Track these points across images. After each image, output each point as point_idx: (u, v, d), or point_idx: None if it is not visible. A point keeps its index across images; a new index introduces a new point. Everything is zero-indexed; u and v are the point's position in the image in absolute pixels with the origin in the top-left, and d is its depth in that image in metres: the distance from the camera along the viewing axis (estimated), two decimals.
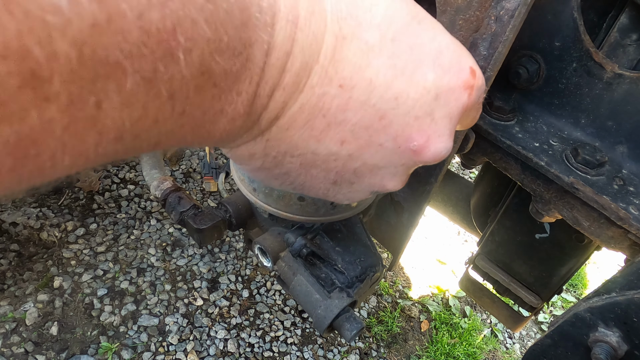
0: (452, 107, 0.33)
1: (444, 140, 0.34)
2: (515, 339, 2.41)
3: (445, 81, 0.32)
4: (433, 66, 0.31)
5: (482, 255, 1.29)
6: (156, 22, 0.19)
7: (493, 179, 1.20)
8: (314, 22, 0.27)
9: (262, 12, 0.25)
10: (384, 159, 0.34)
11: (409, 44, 0.30)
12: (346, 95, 0.29)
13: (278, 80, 0.27)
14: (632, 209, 0.66)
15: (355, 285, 0.79)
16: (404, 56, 0.30)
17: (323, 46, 0.28)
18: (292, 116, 0.30)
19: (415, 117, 0.32)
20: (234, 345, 1.83)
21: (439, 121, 0.33)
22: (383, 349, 2.06)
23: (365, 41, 0.29)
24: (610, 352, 0.55)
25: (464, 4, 0.65)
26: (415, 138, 0.33)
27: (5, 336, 1.60)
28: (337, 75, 0.29)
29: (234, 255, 2.16)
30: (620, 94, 0.72)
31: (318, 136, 0.31)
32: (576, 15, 0.71)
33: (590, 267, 2.96)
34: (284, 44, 0.26)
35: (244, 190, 0.79)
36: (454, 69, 0.32)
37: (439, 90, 0.32)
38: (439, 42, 0.32)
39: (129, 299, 1.84)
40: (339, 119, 0.30)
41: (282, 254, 0.85)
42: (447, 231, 2.80)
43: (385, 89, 0.30)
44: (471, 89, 0.33)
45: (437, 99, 0.32)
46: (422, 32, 0.31)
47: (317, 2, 0.28)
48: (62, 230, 1.97)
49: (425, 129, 0.33)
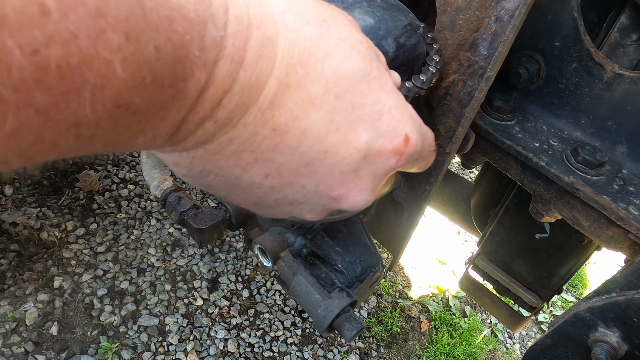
0: (379, 168, 0.35)
1: (364, 194, 0.36)
2: (515, 339, 2.41)
3: (377, 144, 0.33)
4: (369, 128, 0.33)
5: (482, 255, 1.29)
6: (56, 60, 0.18)
7: (493, 179, 1.20)
8: (260, 65, 0.27)
9: (204, 51, 0.24)
10: (305, 197, 0.35)
11: (352, 103, 0.31)
12: (278, 139, 0.30)
13: (210, 113, 0.27)
14: (632, 209, 0.66)
15: (355, 285, 0.79)
16: (343, 114, 0.31)
17: (265, 90, 0.28)
18: (220, 144, 0.30)
19: (340, 171, 0.33)
20: (234, 345, 1.83)
21: (362, 178, 0.34)
22: (383, 349, 2.06)
23: (309, 92, 0.29)
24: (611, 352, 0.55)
25: (464, 3, 0.65)
26: (336, 188, 0.34)
27: (5, 336, 1.60)
28: (272, 120, 0.29)
29: (234, 255, 2.16)
30: (620, 94, 0.72)
31: (244, 167, 0.31)
32: (576, 15, 0.71)
33: (590, 267, 2.96)
34: (224, 82, 0.26)
35: None
36: (389, 134, 0.34)
37: (369, 152, 0.33)
38: (383, 105, 0.33)
39: (129, 299, 1.84)
40: (266, 157, 0.31)
41: (282, 254, 0.85)
42: (447, 231, 2.80)
43: (317, 142, 0.31)
44: (401, 154, 0.35)
45: (365, 159, 0.33)
46: (369, 92, 0.32)
47: (269, 44, 0.28)
48: (62, 230, 1.97)
49: (348, 182, 0.34)
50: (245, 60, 0.26)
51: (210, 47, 0.24)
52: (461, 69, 0.69)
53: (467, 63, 0.68)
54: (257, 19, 0.27)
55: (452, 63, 0.70)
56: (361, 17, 0.55)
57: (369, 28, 0.55)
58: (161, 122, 0.25)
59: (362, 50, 0.32)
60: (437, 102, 0.75)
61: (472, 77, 0.69)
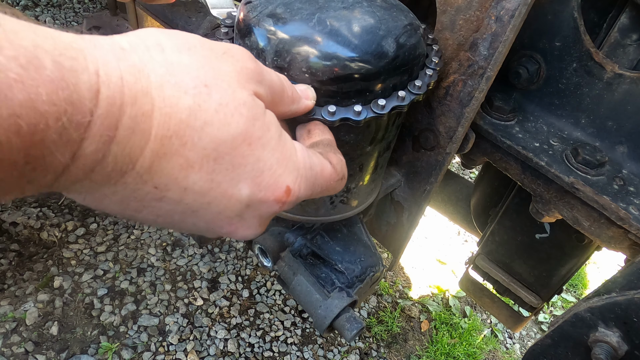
0: (263, 212, 0.38)
1: (251, 230, 0.40)
2: (516, 339, 2.41)
3: (259, 196, 0.37)
4: (250, 184, 0.36)
5: (482, 255, 1.29)
6: None
7: (493, 179, 1.20)
8: (133, 139, 0.29)
9: (64, 134, 0.26)
10: (198, 230, 0.39)
11: (232, 163, 0.34)
12: (160, 194, 0.33)
13: (84, 176, 0.29)
14: (632, 209, 0.66)
15: (356, 285, 0.79)
16: (224, 173, 0.34)
17: (140, 159, 0.30)
18: (105, 194, 0.32)
19: (226, 216, 0.37)
20: (234, 345, 1.84)
21: (248, 220, 0.38)
22: (383, 349, 2.06)
23: (187, 159, 0.32)
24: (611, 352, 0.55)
25: (465, 3, 0.65)
26: (224, 227, 0.38)
27: (6, 336, 1.60)
28: (152, 181, 0.32)
29: (234, 255, 2.16)
30: (621, 94, 0.72)
31: (133, 210, 0.34)
32: (576, 15, 0.71)
33: (590, 267, 2.96)
34: (94, 155, 0.28)
35: None
36: (270, 188, 0.37)
37: (252, 202, 0.37)
38: (264, 163, 0.36)
39: (129, 299, 1.84)
40: (153, 205, 0.33)
41: (282, 254, 0.85)
42: (447, 231, 2.80)
43: (200, 196, 0.34)
44: (283, 203, 0.39)
45: (249, 207, 0.37)
46: (249, 153, 0.35)
47: (143, 119, 0.29)
48: (62, 230, 1.97)
49: (235, 223, 0.38)
50: (116, 136, 0.28)
51: (73, 129, 0.26)
52: (461, 69, 0.69)
53: (467, 63, 0.68)
54: (132, 96, 0.29)
55: (452, 63, 0.70)
56: (361, 17, 0.55)
57: (369, 28, 0.55)
58: (27, 185, 0.27)
59: (244, 112, 0.34)
60: (437, 102, 0.75)
61: (472, 77, 0.69)
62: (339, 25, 0.53)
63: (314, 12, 0.54)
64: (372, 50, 0.54)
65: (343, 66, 0.53)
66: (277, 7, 0.56)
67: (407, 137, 0.84)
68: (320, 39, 0.53)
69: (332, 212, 0.76)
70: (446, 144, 0.78)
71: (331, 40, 0.53)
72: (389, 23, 0.57)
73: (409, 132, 0.83)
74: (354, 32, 0.54)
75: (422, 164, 0.85)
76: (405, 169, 0.89)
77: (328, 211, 0.76)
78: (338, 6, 0.55)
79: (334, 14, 0.54)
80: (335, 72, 0.53)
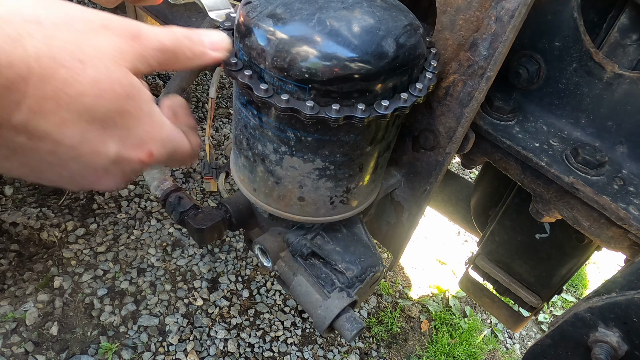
0: (127, 169, 0.44)
1: (114, 183, 0.45)
2: (516, 339, 2.41)
3: (125, 155, 0.42)
4: (119, 144, 0.41)
5: (482, 255, 1.29)
6: None
7: (493, 179, 1.20)
8: (9, 97, 0.33)
9: None
10: (60, 180, 0.42)
11: (104, 126, 0.39)
12: (34, 145, 0.37)
13: None
14: (632, 209, 0.66)
15: (356, 285, 0.79)
16: (96, 133, 0.39)
17: (16, 113, 0.34)
18: None
19: (93, 168, 0.41)
20: (234, 345, 1.84)
21: (113, 173, 0.43)
22: (383, 349, 2.06)
23: (62, 117, 0.36)
24: (611, 352, 0.55)
25: (464, 3, 0.65)
26: (88, 178, 0.43)
27: (6, 336, 1.60)
28: (27, 133, 0.36)
29: (234, 255, 2.16)
30: (620, 94, 0.72)
31: (3, 156, 0.37)
32: (576, 15, 0.71)
33: (590, 267, 2.96)
34: None
35: (244, 191, 0.79)
36: (135, 150, 0.42)
37: (118, 159, 0.41)
38: (134, 130, 0.42)
39: (129, 299, 1.84)
40: (23, 153, 0.38)
41: (282, 254, 0.85)
42: (447, 231, 2.80)
43: (71, 149, 0.38)
44: (145, 164, 0.44)
45: (115, 163, 0.42)
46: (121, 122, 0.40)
47: (18, 80, 0.33)
48: (62, 230, 1.97)
49: (100, 175, 0.43)
50: None
51: None
52: (461, 69, 0.69)
53: (467, 63, 0.68)
54: (7, 61, 0.32)
55: (452, 63, 0.70)
56: (361, 17, 0.55)
57: (369, 28, 0.55)
58: None
59: (117, 90, 0.38)
60: (437, 102, 0.75)
61: (472, 77, 0.69)
62: (338, 26, 0.54)
63: (314, 12, 0.54)
64: (372, 51, 0.54)
65: (343, 66, 0.53)
66: (277, 8, 0.56)
67: (407, 137, 0.84)
68: (320, 39, 0.53)
69: (332, 212, 0.76)
70: (446, 144, 0.78)
71: (331, 41, 0.53)
72: (388, 23, 0.57)
73: (409, 132, 0.83)
74: (354, 32, 0.54)
75: (422, 164, 0.85)
76: (405, 169, 0.89)
77: (328, 211, 0.76)
78: (338, 6, 0.55)
79: (334, 14, 0.54)
80: (335, 72, 0.53)
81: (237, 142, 0.74)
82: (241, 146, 0.72)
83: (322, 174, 0.68)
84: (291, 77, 0.54)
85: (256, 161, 0.71)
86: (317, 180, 0.69)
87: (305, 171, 0.68)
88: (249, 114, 0.65)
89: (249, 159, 0.72)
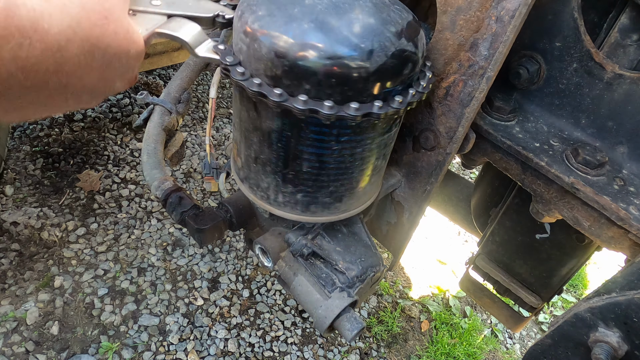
0: None
1: None
2: (516, 339, 2.41)
3: None
4: None
5: (482, 255, 1.29)
6: None
7: (493, 179, 1.20)
8: None
9: None
10: None
11: None
12: None
13: None
14: (632, 209, 0.66)
15: (356, 285, 0.79)
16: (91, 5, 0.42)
17: None
18: None
19: None
20: (235, 344, 1.84)
21: None
22: (383, 349, 2.06)
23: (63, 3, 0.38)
24: (611, 352, 0.55)
25: (465, 4, 0.65)
26: None
27: (6, 335, 1.61)
28: None
29: (235, 255, 2.16)
30: (621, 94, 0.72)
31: None
32: (577, 15, 0.71)
33: (591, 267, 2.96)
34: None
35: (245, 190, 0.79)
36: None
37: None
38: None
39: (129, 299, 1.84)
40: None
41: (282, 254, 0.85)
42: (448, 231, 2.80)
43: None
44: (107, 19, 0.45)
45: None
46: None
47: None
48: (62, 230, 1.97)
49: None
50: None
51: None
52: (461, 69, 0.69)
53: (468, 63, 0.68)
54: None
55: (452, 63, 0.70)
56: (361, 17, 0.55)
57: (369, 28, 0.55)
58: None
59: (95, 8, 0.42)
60: (437, 102, 0.75)
61: (472, 78, 0.69)
62: (339, 25, 0.54)
63: (314, 13, 0.54)
64: (372, 50, 0.54)
65: (342, 65, 0.53)
66: (276, 8, 0.56)
67: (408, 137, 0.84)
68: (320, 38, 0.53)
69: (332, 212, 0.76)
70: (446, 144, 0.78)
71: (331, 40, 0.53)
72: (388, 23, 0.57)
73: (409, 132, 0.83)
74: (354, 32, 0.54)
75: (422, 164, 0.85)
76: (405, 169, 0.89)
77: (328, 211, 0.76)
78: (338, 6, 0.56)
79: (334, 13, 0.55)
80: (335, 70, 0.53)
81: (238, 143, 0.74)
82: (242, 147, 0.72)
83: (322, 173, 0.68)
84: (291, 77, 0.55)
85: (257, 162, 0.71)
86: None
87: None
88: (251, 114, 0.65)
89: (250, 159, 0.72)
